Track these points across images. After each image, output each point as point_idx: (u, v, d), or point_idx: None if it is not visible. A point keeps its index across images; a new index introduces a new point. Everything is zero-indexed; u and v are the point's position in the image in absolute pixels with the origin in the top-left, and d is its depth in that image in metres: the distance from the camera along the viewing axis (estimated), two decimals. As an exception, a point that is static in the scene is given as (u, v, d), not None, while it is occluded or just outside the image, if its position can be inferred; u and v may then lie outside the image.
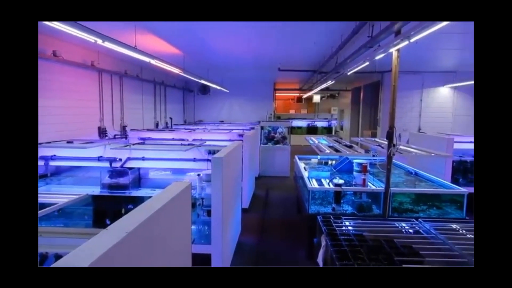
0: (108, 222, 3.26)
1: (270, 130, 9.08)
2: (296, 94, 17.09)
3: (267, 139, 8.99)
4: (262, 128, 9.00)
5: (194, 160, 3.87)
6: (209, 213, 3.30)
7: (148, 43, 5.65)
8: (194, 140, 5.85)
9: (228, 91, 11.48)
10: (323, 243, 2.38)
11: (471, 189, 4.07)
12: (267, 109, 12.43)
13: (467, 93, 9.11)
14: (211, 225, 3.11)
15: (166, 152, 3.89)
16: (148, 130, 7.24)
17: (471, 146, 5.94)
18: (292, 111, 17.96)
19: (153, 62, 4.79)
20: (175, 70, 5.99)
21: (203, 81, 8.24)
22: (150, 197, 1.69)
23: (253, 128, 7.91)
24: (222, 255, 3.13)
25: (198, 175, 3.61)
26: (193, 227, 3.45)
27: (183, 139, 5.93)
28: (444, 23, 2.46)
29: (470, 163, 5.65)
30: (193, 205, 3.42)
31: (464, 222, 2.78)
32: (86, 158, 3.77)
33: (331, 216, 2.72)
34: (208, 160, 3.79)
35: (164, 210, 1.57)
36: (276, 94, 14.53)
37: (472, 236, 2.35)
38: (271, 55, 6.98)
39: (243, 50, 6.46)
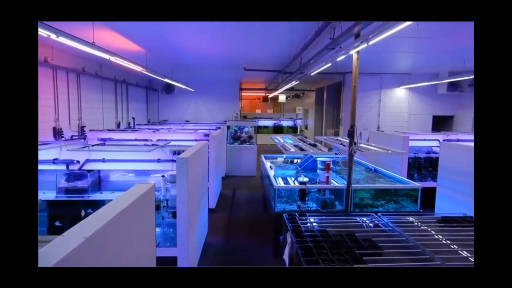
0: (64, 227, 3.08)
1: (237, 130, 9.08)
2: (262, 94, 17.23)
3: (233, 139, 8.97)
4: (228, 127, 8.97)
5: (158, 161, 3.77)
6: (174, 214, 3.23)
7: (107, 39, 5.40)
8: (158, 140, 5.69)
9: (193, 90, 11.30)
10: (289, 240, 2.42)
11: (425, 184, 4.36)
12: (233, 109, 12.41)
13: (421, 94, 9.73)
14: (177, 227, 3.05)
15: (129, 153, 3.75)
16: (109, 130, 6.93)
17: (424, 143, 6.36)
18: (258, 111, 18.08)
19: (113, 59, 4.59)
20: (137, 68, 5.79)
21: (167, 80, 8.04)
22: (111, 200, 1.62)
23: (219, 128, 7.86)
24: (188, 257, 3.08)
25: (163, 176, 3.52)
26: (157, 229, 3.35)
27: (146, 140, 5.75)
28: (400, 26, 2.59)
29: (424, 159, 6.04)
30: (158, 207, 3.33)
31: (419, 215, 2.96)
32: (40, 160, 3.52)
33: (296, 214, 2.77)
34: (173, 160, 3.71)
35: (126, 213, 1.51)
36: (242, 94, 14.54)
37: (425, 227, 2.51)
38: (237, 55, 6.98)
39: (209, 49, 6.39)
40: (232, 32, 5.03)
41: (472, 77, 7.07)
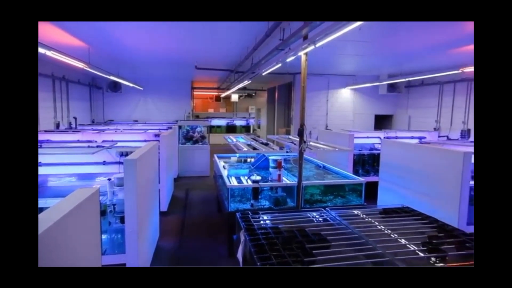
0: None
1: (189, 130, 8.90)
2: (214, 93, 17.09)
3: (185, 139, 8.78)
4: (180, 127, 8.77)
5: (104, 163, 3.56)
6: (122, 219, 3.08)
7: (44, 32, 4.95)
8: (103, 141, 5.36)
9: (142, 88, 10.83)
10: (242, 238, 2.43)
11: (368, 179, 4.67)
12: (185, 108, 12.13)
13: (364, 94, 10.39)
14: (125, 232, 2.90)
15: (70, 156, 3.49)
16: (46, 131, 6.35)
17: (367, 141, 6.80)
18: (211, 110, 17.90)
19: (50, 54, 4.22)
20: (79, 64, 5.39)
21: (112, 77, 7.60)
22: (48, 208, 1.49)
23: (170, 128, 7.64)
24: (138, 263, 2.95)
25: (109, 179, 3.33)
26: (104, 236, 3.16)
27: (90, 141, 5.39)
28: (344, 30, 2.71)
29: (367, 155, 6.46)
30: (104, 213, 3.15)
31: (363, 208, 3.16)
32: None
33: (250, 212, 2.79)
34: (120, 162, 3.53)
35: (65, 221, 1.40)
36: (194, 93, 14.29)
37: (369, 219, 2.68)
38: (188, 53, 6.83)
39: (157, 46, 6.17)
40: (182, 30, 4.91)
41: (407, 79, 7.73)
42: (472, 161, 3.57)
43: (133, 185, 2.85)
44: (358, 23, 2.51)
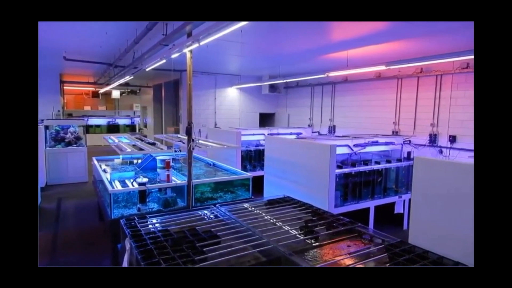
0: None
1: (59, 130, 7.71)
2: (91, 89, 15.21)
3: (55, 141, 7.58)
4: (47, 127, 7.51)
5: None
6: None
7: None
8: None
9: (-10, 80, 8.77)
10: (128, 246, 2.26)
11: (255, 173, 4.99)
12: (54, 105, 10.44)
13: (249, 94, 10.99)
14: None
15: None
16: None
17: (253, 137, 7.22)
18: (87, 108, 15.89)
19: None
20: None
21: None
22: None
23: (33, 128, 6.44)
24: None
25: None
26: None
27: None
28: (228, 29, 2.75)
29: (254, 151, 6.87)
30: None
31: (251, 201, 3.35)
32: None
33: (136, 217, 2.61)
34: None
35: None
36: (65, 88, 12.44)
37: (257, 211, 2.85)
38: (53, 40, 5.86)
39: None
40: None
41: (285, 81, 8.54)
42: (337, 152, 4.22)
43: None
44: (242, 23, 2.50)
